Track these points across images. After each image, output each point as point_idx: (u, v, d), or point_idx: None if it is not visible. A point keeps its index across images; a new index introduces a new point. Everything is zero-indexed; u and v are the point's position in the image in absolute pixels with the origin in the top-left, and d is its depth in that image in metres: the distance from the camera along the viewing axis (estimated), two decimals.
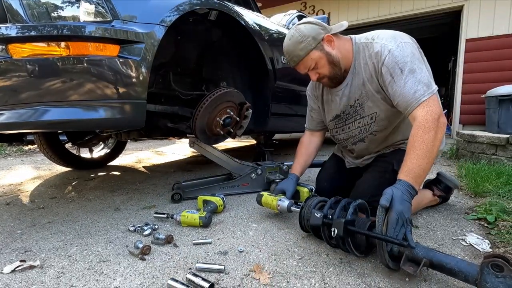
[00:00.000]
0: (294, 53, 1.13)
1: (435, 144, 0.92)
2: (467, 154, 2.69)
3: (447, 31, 6.23)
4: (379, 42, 1.05)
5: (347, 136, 1.31)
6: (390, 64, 1.00)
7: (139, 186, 1.99)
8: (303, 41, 1.09)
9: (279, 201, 1.22)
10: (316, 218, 0.97)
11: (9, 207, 1.58)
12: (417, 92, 0.95)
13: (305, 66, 1.15)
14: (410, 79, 0.97)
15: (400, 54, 0.99)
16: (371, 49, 1.08)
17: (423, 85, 0.96)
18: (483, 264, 0.69)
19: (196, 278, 0.79)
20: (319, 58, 1.12)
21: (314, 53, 1.11)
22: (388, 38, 1.05)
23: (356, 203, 0.96)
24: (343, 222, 0.87)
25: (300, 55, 1.12)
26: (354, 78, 1.15)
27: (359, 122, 1.22)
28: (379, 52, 1.03)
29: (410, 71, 0.97)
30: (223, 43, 1.81)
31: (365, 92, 1.14)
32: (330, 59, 1.12)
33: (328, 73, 1.15)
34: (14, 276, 0.88)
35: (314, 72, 1.17)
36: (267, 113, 2.04)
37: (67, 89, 1.03)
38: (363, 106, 1.17)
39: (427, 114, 0.93)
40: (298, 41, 1.10)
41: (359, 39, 1.15)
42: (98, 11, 1.09)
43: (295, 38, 1.11)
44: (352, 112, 1.22)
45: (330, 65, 1.13)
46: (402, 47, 1.01)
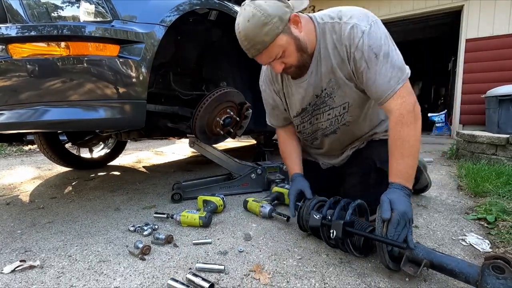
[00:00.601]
0: (256, 39, 0.88)
1: (417, 137, 0.88)
2: (467, 154, 2.69)
3: (447, 31, 6.23)
4: (350, 22, 0.91)
5: (315, 129, 1.18)
6: (364, 48, 0.89)
7: (139, 186, 1.99)
8: (268, 23, 0.85)
9: (261, 208, 1.31)
10: (315, 220, 0.97)
11: (9, 207, 1.58)
12: (391, 80, 0.88)
13: (270, 55, 0.93)
14: (385, 65, 0.88)
15: (374, 36, 0.88)
16: (340, 30, 0.93)
17: (397, 70, 0.89)
18: (484, 265, 0.69)
19: (196, 278, 0.79)
20: (287, 44, 0.91)
21: (282, 37, 0.89)
22: (358, 16, 0.91)
23: (355, 204, 0.96)
24: (342, 224, 0.87)
25: (265, 42, 0.88)
26: (320, 64, 1.00)
27: (329, 113, 1.10)
28: (352, 34, 0.90)
29: (384, 56, 0.88)
30: (223, 43, 1.81)
31: (335, 80, 1.01)
32: (298, 45, 0.93)
33: (297, 62, 0.96)
34: (14, 276, 0.88)
35: (279, 62, 0.95)
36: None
37: (67, 89, 1.03)
38: (331, 95, 1.04)
39: (402, 107, 0.88)
40: (262, 23, 0.85)
41: (322, 18, 0.98)
42: (98, 11, 1.09)
43: (256, 19, 0.85)
44: (319, 103, 1.09)
45: (299, 52, 0.94)
46: (375, 27, 0.89)
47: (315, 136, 1.24)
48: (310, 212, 1.01)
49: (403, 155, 0.88)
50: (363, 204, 1.00)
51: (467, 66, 4.83)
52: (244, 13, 0.88)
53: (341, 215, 0.95)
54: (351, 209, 0.93)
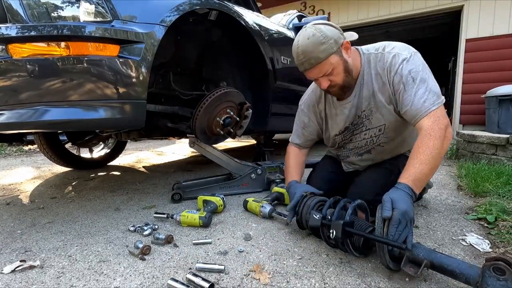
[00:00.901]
0: (312, 54, 1.01)
1: (440, 152, 0.92)
2: (467, 154, 2.69)
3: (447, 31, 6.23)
4: (392, 52, 1.04)
5: (352, 147, 1.28)
6: (404, 73, 1.00)
7: (139, 186, 1.99)
8: (325, 43, 1.00)
9: (261, 208, 1.33)
10: (314, 220, 0.97)
11: (9, 207, 1.58)
12: (426, 102, 0.96)
13: (321, 70, 1.05)
14: (421, 88, 0.97)
15: (413, 63, 1.00)
16: (383, 58, 1.06)
17: (433, 94, 0.96)
18: (484, 267, 0.69)
19: (196, 278, 0.79)
20: (337, 63, 1.04)
21: (334, 57, 1.03)
22: (400, 47, 1.05)
23: (355, 204, 0.96)
24: (342, 224, 0.87)
25: (319, 58, 1.01)
26: (362, 88, 1.12)
27: (365, 134, 1.20)
28: (393, 60, 1.03)
29: (421, 80, 0.98)
30: (223, 43, 1.81)
31: (373, 103, 1.11)
32: (346, 67, 1.07)
33: (341, 82, 1.09)
34: (14, 276, 0.88)
35: (326, 79, 1.07)
36: (267, 113, 2.04)
37: (67, 89, 1.03)
38: (369, 117, 1.15)
39: (434, 124, 0.93)
40: (320, 42, 1.00)
41: (367, 49, 1.13)
42: (98, 11, 1.09)
43: (316, 38, 1.00)
44: (359, 123, 1.19)
45: (345, 73, 1.07)
46: (415, 57, 1.02)
47: (349, 155, 1.32)
48: (310, 211, 1.01)
49: (422, 162, 0.91)
50: (363, 204, 1.00)
51: (467, 66, 4.83)
52: (305, 32, 1.03)
53: (341, 215, 0.95)
54: (350, 209, 0.93)
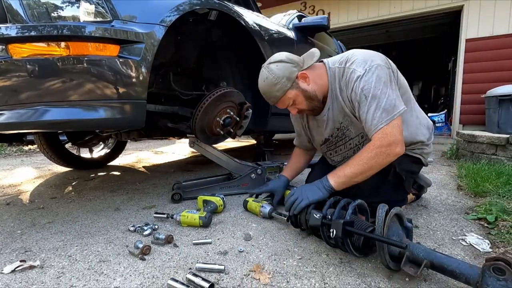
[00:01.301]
0: (270, 94, 1.15)
1: (369, 164, 1.00)
2: (467, 154, 2.69)
3: (447, 31, 6.23)
4: (350, 68, 1.07)
5: (341, 158, 1.29)
6: (357, 91, 1.04)
7: (139, 186, 1.99)
8: (278, 83, 1.11)
9: (261, 208, 1.33)
10: (315, 219, 0.97)
11: (9, 207, 1.58)
12: (375, 119, 1.00)
13: (283, 104, 1.18)
14: (372, 106, 1.01)
15: (365, 80, 1.02)
16: (343, 75, 1.10)
17: (382, 111, 0.99)
18: (484, 267, 0.69)
19: (196, 278, 0.79)
20: (295, 96, 1.14)
21: (290, 92, 1.13)
22: (358, 62, 1.06)
23: (355, 203, 0.96)
24: (342, 223, 0.87)
25: (277, 96, 1.14)
26: (334, 102, 1.17)
27: (350, 143, 1.22)
28: (350, 78, 1.07)
29: (372, 98, 1.01)
30: (223, 43, 1.81)
31: (347, 116, 1.16)
32: (306, 95, 1.14)
33: (306, 107, 1.18)
34: (14, 276, 0.88)
35: (293, 108, 1.19)
36: (267, 113, 2.04)
37: (67, 89, 1.03)
38: (348, 128, 1.18)
39: (378, 140, 1.00)
40: (273, 83, 1.12)
41: (333, 63, 1.16)
42: (98, 11, 1.09)
43: (269, 80, 1.12)
44: (340, 134, 1.23)
45: (307, 100, 1.15)
46: (369, 72, 1.03)
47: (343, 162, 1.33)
48: (310, 211, 1.02)
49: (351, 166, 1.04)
50: (363, 204, 1.00)
51: (467, 66, 4.83)
52: (261, 74, 1.17)
53: (341, 215, 0.95)
54: (351, 208, 0.93)
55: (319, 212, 0.98)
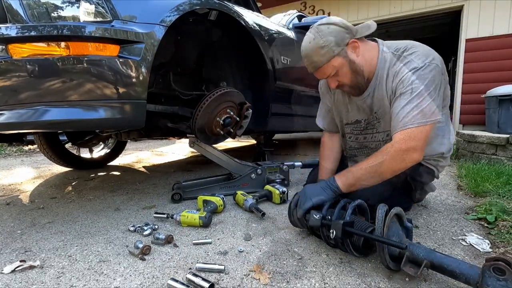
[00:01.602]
0: (313, 58, 1.02)
1: (382, 168, 0.95)
2: (467, 154, 2.69)
3: (447, 31, 6.23)
4: (408, 58, 0.99)
5: (359, 146, 1.24)
6: (407, 82, 0.96)
7: (139, 186, 1.99)
8: (325, 46, 0.99)
9: (245, 201, 1.43)
10: (314, 220, 0.97)
11: (9, 207, 1.58)
12: (408, 117, 0.93)
13: (325, 73, 1.05)
14: (413, 103, 0.94)
15: (421, 74, 0.95)
16: (396, 63, 1.01)
17: (418, 112, 0.93)
18: (484, 267, 0.69)
19: (196, 278, 0.79)
20: (341, 65, 1.02)
21: (336, 59, 1.01)
22: (418, 55, 0.99)
23: (355, 204, 0.96)
24: (342, 224, 0.87)
25: (321, 61, 1.02)
26: (377, 89, 1.08)
27: (375, 136, 1.16)
28: (404, 67, 0.98)
29: (418, 95, 0.94)
30: (223, 43, 1.81)
31: (383, 108, 1.08)
32: (353, 67, 1.03)
33: (349, 82, 1.07)
34: (14, 276, 0.88)
35: (334, 80, 1.07)
36: (267, 113, 2.04)
37: (67, 89, 1.03)
38: (379, 120, 1.12)
39: (398, 142, 0.94)
40: (319, 46, 0.99)
41: (388, 48, 1.06)
42: (98, 11, 1.09)
43: (316, 42, 1.00)
44: (371, 122, 1.15)
45: (353, 73, 1.04)
46: (427, 68, 0.95)
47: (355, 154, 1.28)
48: (310, 211, 1.02)
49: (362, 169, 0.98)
50: (363, 204, 1.00)
51: (467, 66, 4.83)
52: (307, 36, 1.05)
53: (341, 215, 0.95)
54: (350, 209, 0.93)
55: (318, 213, 0.98)
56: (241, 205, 1.46)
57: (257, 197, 1.52)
